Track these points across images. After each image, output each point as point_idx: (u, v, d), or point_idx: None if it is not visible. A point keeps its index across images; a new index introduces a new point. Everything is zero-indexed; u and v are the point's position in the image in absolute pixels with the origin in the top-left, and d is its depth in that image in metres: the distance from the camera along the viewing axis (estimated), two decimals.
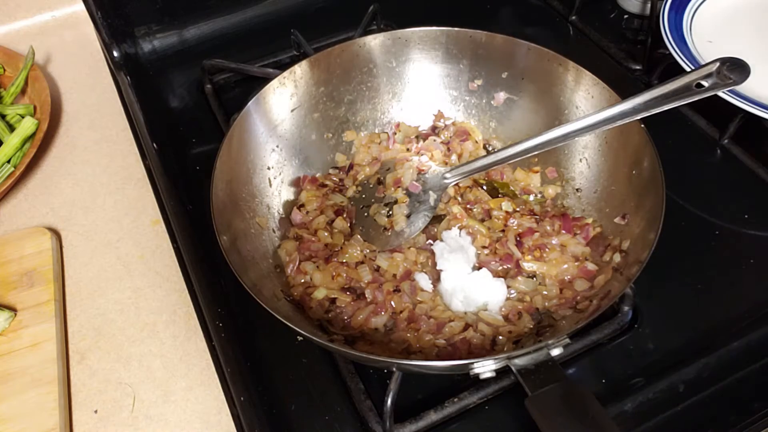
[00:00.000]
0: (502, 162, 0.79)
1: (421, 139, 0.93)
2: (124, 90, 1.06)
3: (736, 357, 0.72)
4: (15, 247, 0.85)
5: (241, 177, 0.80)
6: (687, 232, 0.84)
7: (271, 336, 0.75)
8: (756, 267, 0.80)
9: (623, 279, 0.68)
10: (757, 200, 0.87)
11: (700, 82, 0.68)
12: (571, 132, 0.73)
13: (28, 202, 0.95)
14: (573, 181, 0.86)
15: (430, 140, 0.92)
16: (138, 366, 0.76)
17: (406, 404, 0.68)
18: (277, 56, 1.12)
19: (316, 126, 0.91)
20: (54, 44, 1.21)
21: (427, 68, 0.93)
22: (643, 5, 1.15)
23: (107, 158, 1.01)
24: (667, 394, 0.69)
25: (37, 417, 0.70)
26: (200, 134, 1.00)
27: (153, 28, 1.14)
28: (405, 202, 0.84)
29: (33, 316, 0.78)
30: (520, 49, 0.87)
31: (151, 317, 0.80)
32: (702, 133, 0.95)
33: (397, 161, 0.89)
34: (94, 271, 0.86)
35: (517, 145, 0.77)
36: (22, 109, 1.03)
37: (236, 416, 0.68)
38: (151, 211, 0.92)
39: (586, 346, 0.73)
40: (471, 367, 0.60)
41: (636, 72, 1.06)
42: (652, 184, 0.70)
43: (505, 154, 0.78)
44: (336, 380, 0.72)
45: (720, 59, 0.68)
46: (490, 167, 0.81)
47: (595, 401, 0.56)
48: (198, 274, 0.78)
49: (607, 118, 0.71)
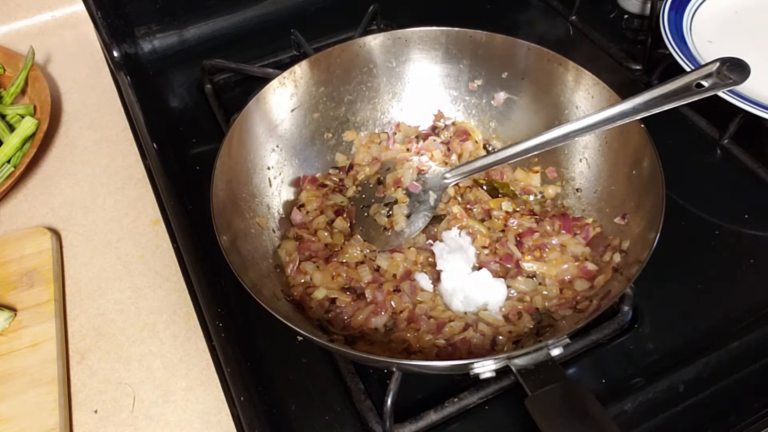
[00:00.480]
0: (502, 162, 0.79)
1: (421, 139, 0.93)
2: (124, 90, 1.06)
3: (736, 357, 0.72)
4: (15, 247, 0.85)
5: (241, 177, 0.80)
6: (687, 232, 0.84)
7: (271, 336, 0.75)
8: (756, 267, 0.80)
9: (623, 279, 0.68)
10: (757, 200, 0.87)
11: (700, 82, 0.68)
12: (571, 132, 0.73)
13: (28, 202, 0.95)
14: (573, 181, 0.86)
15: (430, 140, 0.92)
16: (138, 366, 0.76)
17: (406, 404, 0.68)
18: (277, 56, 1.12)
19: (316, 126, 0.91)
20: (54, 44, 1.21)
21: (427, 68, 0.93)
22: (643, 5, 1.15)
23: (107, 158, 1.01)
24: (667, 394, 0.69)
25: (37, 417, 0.70)
26: (200, 134, 1.00)
27: (153, 28, 1.14)
28: (405, 202, 0.84)
29: (33, 316, 0.78)
30: (520, 49, 0.87)
31: (151, 317, 0.80)
32: (702, 133, 0.95)
33: (397, 161, 0.89)
34: (94, 271, 0.86)
35: (516, 145, 0.77)
36: (22, 109, 1.03)
37: (236, 416, 0.68)
38: (151, 211, 0.92)
39: (586, 346, 0.73)
40: (471, 367, 0.60)
41: (636, 72, 1.06)
42: (652, 184, 0.70)
43: (505, 154, 0.78)
44: (336, 380, 0.72)
45: (720, 59, 0.68)
46: (490, 167, 0.81)
47: (595, 401, 0.55)
48: (198, 274, 0.78)
49: (606, 118, 0.71)
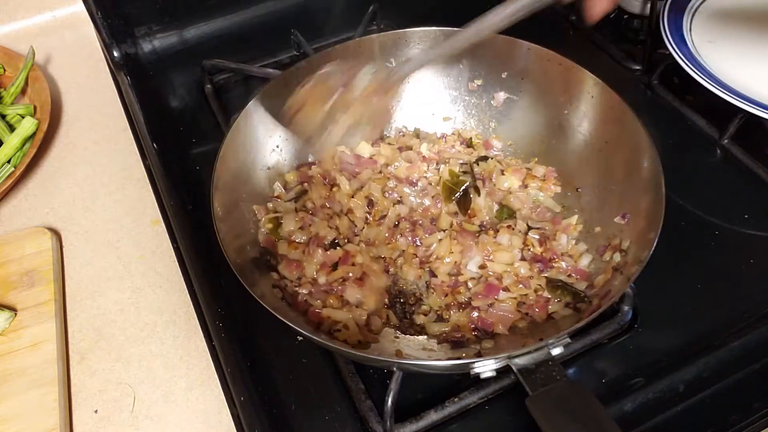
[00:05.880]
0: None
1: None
2: (124, 90, 1.06)
3: (736, 357, 0.72)
4: (15, 247, 0.85)
5: (241, 177, 0.80)
6: (687, 232, 0.84)
7: (271, 336, 0.75)
8: (756, 267, 0.80)
9: (623, 278, 0.68)
10: (757, 200, 0.87)
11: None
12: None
13: (28, 202, 0.95)
14: (573, 181, 0.86)
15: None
16: (138, 366, 0.76)
17: (407, 404, 0.68)
18: (277, 56, 1.12)
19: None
20: (54, 44, 1.20)
21: (426, 68, 0.93)
22: (643, 5, 1.15)
23: (107, 158, 1.01)
24: (667, 394, 0.69)
25: (37, 417, 0.69)
26: (200, 134, 1.00)
27: (153, 28, 1.14)
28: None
29: (33, 316, 0.78)
30: (520, 49, 0.87)
31: (151, 317, 0.80)
32: (702, 133, 0.95)
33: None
34: (94, 271, 0.86)
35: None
36: (22, 109, 1.03)
37: (236, 416, 0.68)
38: (151, 211, 0.91)
39: (586, 345, 0.73)
40: (471, 367, 0.60)
41: (636, 72, 1.06)
42: (652, 183, 0.70)
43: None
44: (336, 380, 0.72)
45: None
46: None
47: (595, 401, 0.56)
48: (198, 274, 0.78)
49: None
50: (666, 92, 1.01)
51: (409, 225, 0.83)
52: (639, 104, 0.79)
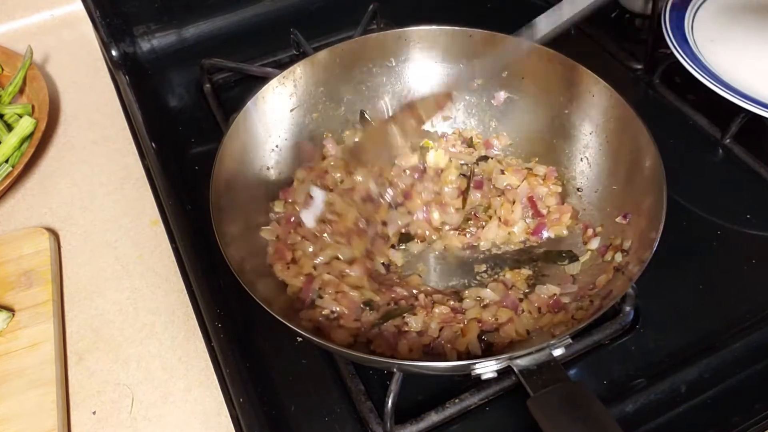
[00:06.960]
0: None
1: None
2: (122, 89, 1.06)
3: (738, 358, 0.71)
4: (13, 248, 0.85)
5: (240, 177, 0.80)
6: (689, 232, 0.83)
7: (271, 336, 0.74)
8: (758, 267, 0.80)
9: (625, 279, 0.68)
10: (759, 200, 0.86)
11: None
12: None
13: (26, 202, 0.95)
14: (574, 181, 0.85)
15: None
16: (136, 367, 0.76)
17: (407, 405, 0.68)
18: (276, 56, 1.11)
19: (316, 126, 0.90)
20: (52, 43, 1.20)
21: (427, 68, 0.92)
22: (644, 4, 1.15)
23: (106, 158, 1.00)
24: (668, 395, 0.69)
25: (35, 418, 0.69)
26: (199, 134, 1.00)
27: (152, 28, 1.14)
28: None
29: (31, 317, 0.78)
30: (521, 48, 0.86)
31: (149, 318, 0.80)
32: (704, 133, 0.95)
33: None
34: (93, 272, 0.85)
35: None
36: (20, 108, 1.02)
37: (235, 417, 0.67)
38: (150, 212, 0.91)
39: (587, 346, 0.72)
40: (472, 368, 0.60)
41: (637, 71, 1.05)
42: (654, 183, 0.70)
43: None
44: (336, 381, 0.71)
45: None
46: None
47: (597, 402, 0.55)
48: (197, 274, 0.78)
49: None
50: (668, 91, 1.01)
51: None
52: (640, 104, 0.79)
